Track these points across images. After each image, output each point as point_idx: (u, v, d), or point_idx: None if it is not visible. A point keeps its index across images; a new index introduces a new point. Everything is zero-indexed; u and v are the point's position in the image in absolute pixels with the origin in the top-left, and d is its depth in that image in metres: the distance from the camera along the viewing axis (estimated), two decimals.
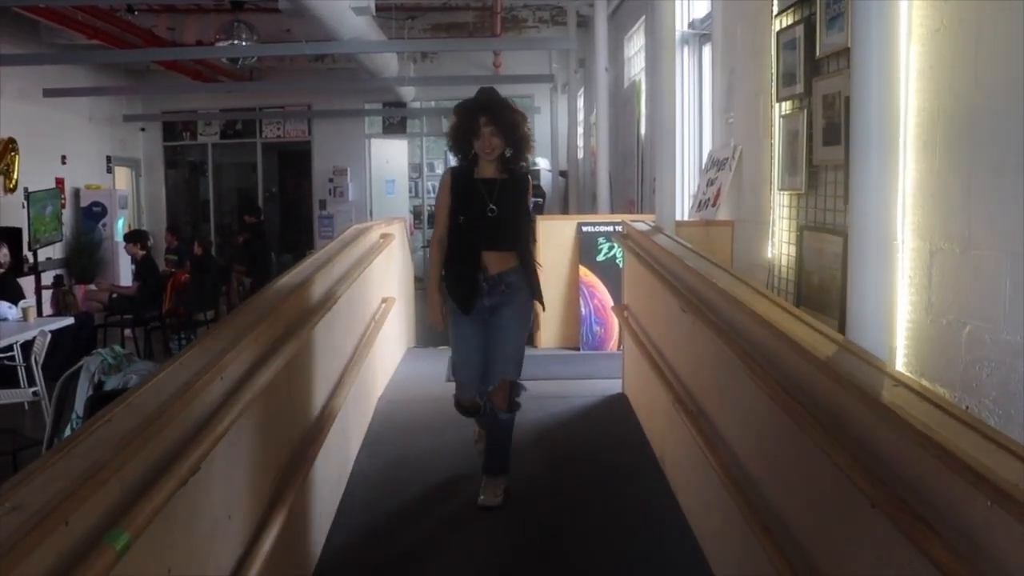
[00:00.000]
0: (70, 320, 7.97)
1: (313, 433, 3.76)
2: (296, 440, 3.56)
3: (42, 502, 1.69)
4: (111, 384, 3.68)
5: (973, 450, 1.77)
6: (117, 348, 4.01)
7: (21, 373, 7.17)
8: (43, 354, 6.55)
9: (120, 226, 13.91)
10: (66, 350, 8.38)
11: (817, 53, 4.26)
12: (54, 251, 12.72)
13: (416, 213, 16.91)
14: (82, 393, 3.67)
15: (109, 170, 15.16)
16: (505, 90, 15.60)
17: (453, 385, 4.68)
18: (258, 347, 3.06)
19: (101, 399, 3.58)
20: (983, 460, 1.72)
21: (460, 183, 4.28)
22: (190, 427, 2.33)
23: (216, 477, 2.50)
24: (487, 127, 4.14)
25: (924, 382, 2.73)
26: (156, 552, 2.06)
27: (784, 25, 4.72)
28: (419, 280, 10.43)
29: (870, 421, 2.15)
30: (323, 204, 16.65)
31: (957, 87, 3.16)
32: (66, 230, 13.02)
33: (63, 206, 12.98)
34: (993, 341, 2.93)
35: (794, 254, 4.65)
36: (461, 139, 4.25)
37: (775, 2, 4.85)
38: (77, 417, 3.65)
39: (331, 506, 4.26)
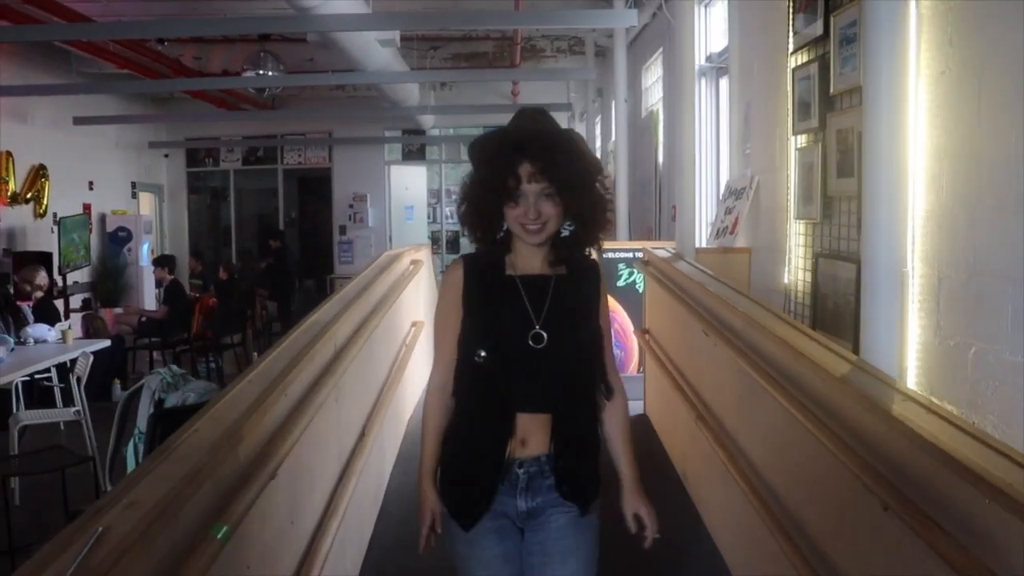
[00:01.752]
0: (107, 342, 8.22)
1: (357, 449, 4.00)
2: (345, 455, 3.80)
3: (155, 499, 1.94)
4: (170, 401, 3.92)
5: (974, 455, 2.00)
6: (175, 368, 4.25)
7: (57, 393, 7.43)
8: (86, 375, 6.80)
9: (145, 251, 14.21)
10: (99, 372, 8.65)
11: (831, 90, 4.50)
12: (80, 275, 13.03)
13: (435, 239, 17.18)
14: (144, 410, 3.91)
15: (134, 196, 15.50)
16: None
17: None
18: (314, 367, 3.31)
19: (162, 416, 3.83)
20: (983, 464, 1.95)
21: (480, 285, 2.40)
22: (264, 437, 2.58)
23: (283, 485, 2.74)
24: (532, 181, 2.25)
25: (933, 399, 2.95)
26: (237, 551, 2.30)
27: (800, 62, 4.96)
28: None
29: (882, 432, 2.37)
30: (343, 230, 16.94)
31: (962, 125, 3.39)
32: (92, 255, 13.34)
33: (90, 231, 13.31)
34: (997, 361, 3.15)
35: (810, 280, 4.87)
36: (484, 204, 2.33)
37: (791, 40, 5.09)
38: (139, 432, 3.88)
39: (370, 519, 4.49)
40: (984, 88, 3.25)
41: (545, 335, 2.32)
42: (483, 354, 2.34)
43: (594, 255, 2.49)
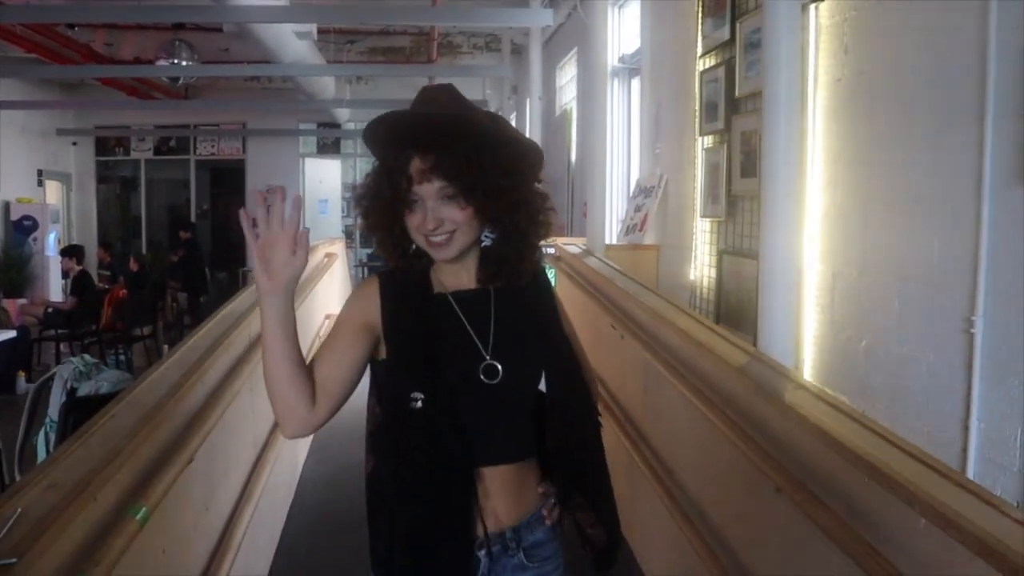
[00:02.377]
0: (12, 333, 8.06)
1: (271, 438, 4.04)
2: (259, 443, 3.84)
3: (74, 481, 1.98)
4: (83, 390, 3.90)
5: (857, 439, 2.15)
6: (87, 357, 4.22)
7: None
8: None
9: (51, 240, 13.89)
10: (2, 364, 8.50)
11: (736, 93, 4.68)
12: None
13: (349, 233, 17.13)
14: (56, 399, 3.88)
15: (40, 184, 15.11)
16: None
17: None
18: (229, 356, 3.35)
19: (74, 404, 3.81)
20: (864, 446, 2.09)
21: (405, 308, 1.85)
22: (182, 423, 2.62)
23: (199, 471, 2.78)
24: (425, 181, 1.76)
25: (828, 389, 3.12)
26: (154, 535, 2.34)
27: (708, 66, 5.14)
28: None
29: (775, 418, 2.52)
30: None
31: (856, 130, 3.58)
32: None
33: None
34: (885, 353, 3.34)
35: (714, 276, 5.05)
36: (378, 212, 1.85)
37: (700, 43, 5.26)
38: (51, 421, 3.86)
39: (284, 508, 4.53)
40: (876, 95, 3.44)
41: (499, 366, 1.80)
42: (420, 397, 1.75)
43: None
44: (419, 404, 1.74)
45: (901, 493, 1.84)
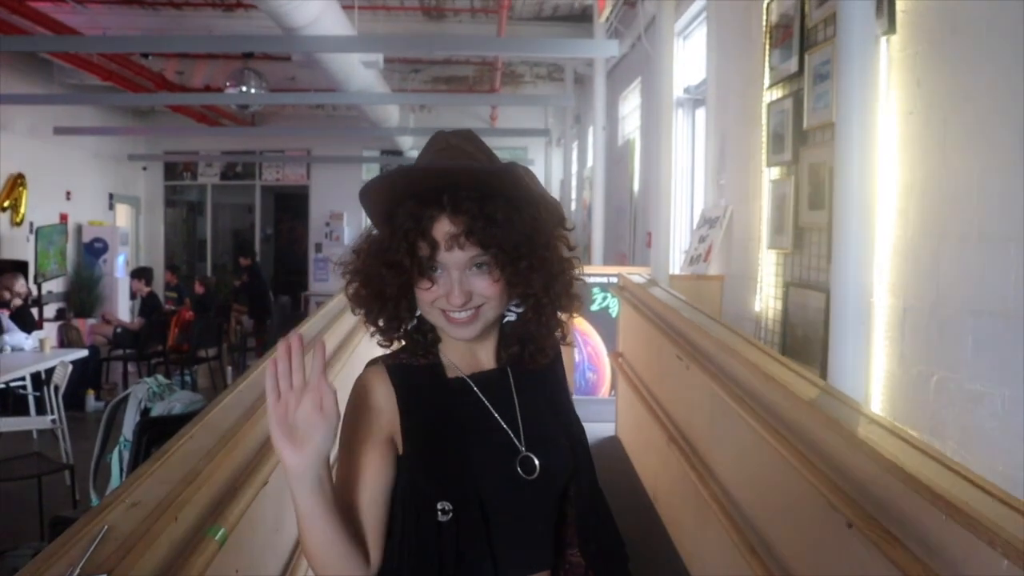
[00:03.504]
0: (85, 352, 8.25)
1: (333, 463, 4.08)
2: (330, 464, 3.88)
3: (156, 500, 2.03)
4: (156, 410, 3.99)
5: (933, 476, 2.13)
6: (160, 378, 4.31)
7: (31, 402, 7.47)
8: (64, 384, 6.84)
9: (120, 262, 14.21)
10: (73, 382, 8.68)
11: (805, 124, 4.66)
12: (55, 285, 13.03)
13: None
14: (130, 418, 3.97)
15: (111, 207, 15.50)
16: (501, 143, 15.82)
17: None
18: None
19: (148, 424, 3.90)
20: (941, 483, 2.07)
21: (421, 402, 1.58)
22: (256, 445, 2.67)
23: (271, 493, 2.83)
24: (456, 248, 1.49)
25: (896, 423, 3.08)
26: (228, 555, 2.38)
27: (775, 97, 5.13)
28: None
29: (847, 452, 2.50)
30: (319, 247, 17.01)
31: (927, 162, 3.55)
32: (68, 265, 13.34)
33: (66, 241, 13.32)
34: (957, 389, 3.29)
35: (780, 308, 5.02)
36: (382, 283, 1.54)
37: (767, 75, 5.25)
38: (125, 440, 3.94)
39: None
40: (949, 128, 3.41)
41: (535, 459, 1.56)
42: (449, 508, 1.49)
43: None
44: (449, 516, 1.49)
45: (982, 532, 1.81)
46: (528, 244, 1.52)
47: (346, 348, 4.22)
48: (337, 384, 1.42)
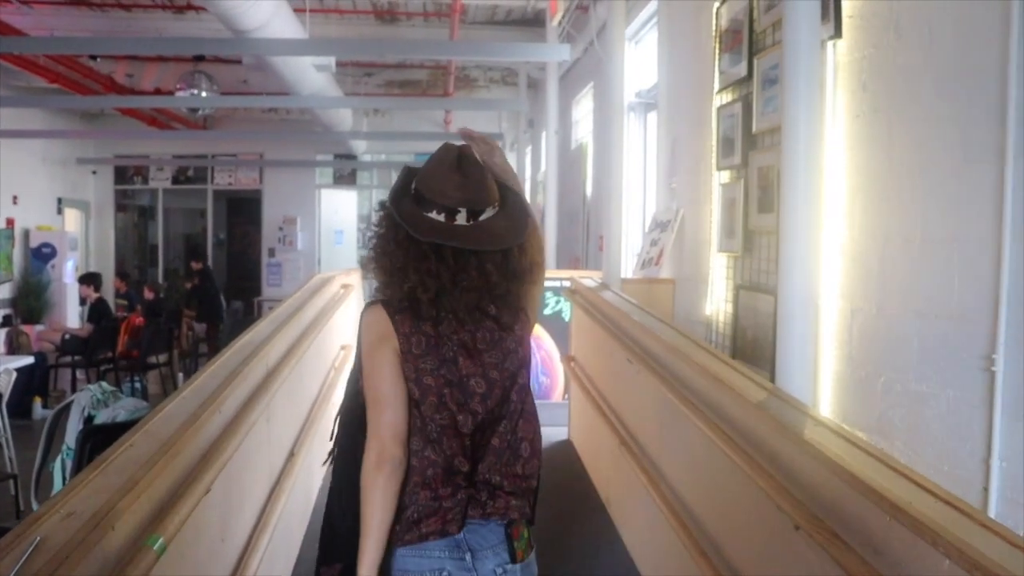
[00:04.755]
0: (31, 359, 8.10)
1: (287, 468, 4.03)
2: (275, 473, 3.84)
3: (92, 510, 1.98)
4: (100, 418, 3.91)
5: (879, 477, 2.14)
6: (105, 385, 4.23)
7: None
8: (8, 392, 6.69)
9: (70, 268, 13.99)
10: (19, 389, 8.51)
11: (754, 128, 4.69)
12: (1, 291, 12.78)
13: (364, 264, 17.12)
14: (73, 426, 3.89)
15: (59, 211, 15.24)
16: None
17: None
18: (246, 386, 3.35)
19: (91, 432, 3.82)
20: (886, 485, 2.08)
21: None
22: (198, 453, 2.63)
23: (216, 501, 2.78)
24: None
25: (843, 425, 3.10)
26: (171, 566, 2.33)
27: (725, 101, 5.16)
28: None
29: (794, 454, 2.51)
30: (272, 252, 16.85)
31: (873, 166, 3.58)
32: (15, 270, 13.10)
33: (13, 246, 13.08)
34: (904, 390, 3.32)
35: (731, 311, 5.04)
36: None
37: (717, 79, 5.28)
38: (68, 448, 3.86)
39: (298, 538, 4.51)
40: (894, 131, 3.44)
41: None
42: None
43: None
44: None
45: (925, 533, 1.82)
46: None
47: (293, 355, 4.18)
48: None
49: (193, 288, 12.77)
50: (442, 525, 2.09)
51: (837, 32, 3.78)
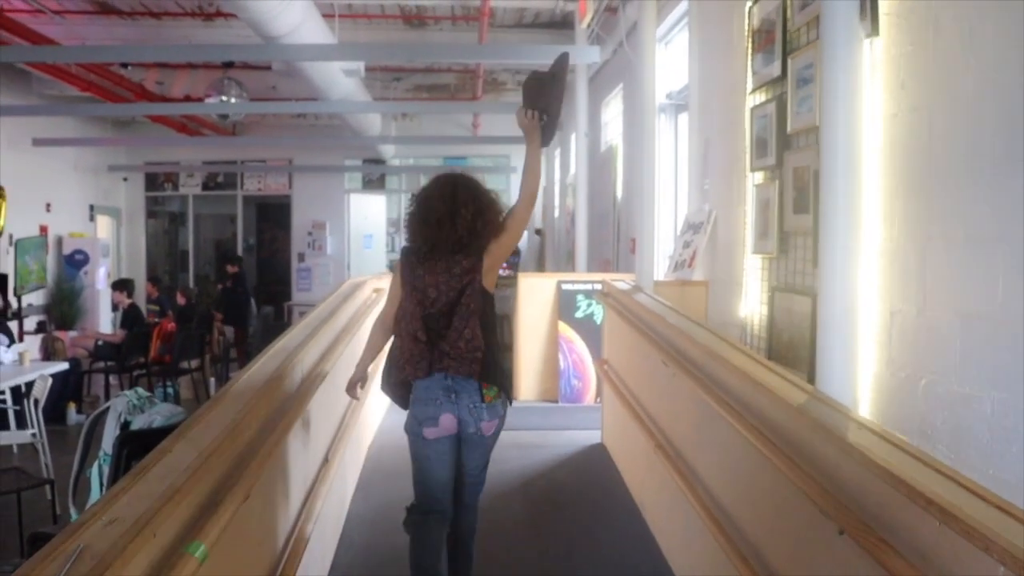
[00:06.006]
0: (65, 365, 8.16)
1: (321, 474, 4.03)
2: (310, 479, 3.83)
3: (134, 517, 1.98)
4: (136, 424, 3.93)
5: (924, 480, 2.10)
6: (140, 391, 4.24)
7: (11, 416, 7.36)
8: (44, 398, 6.75)
9: (102, 274, 14.11)
10: (54, 395, 8.59)
11: (788, 129, 4.64)
12: (35, 297, 12.91)
13: (393, 268, 17.11)
14: (110, 432, 3.91)
15: (91, 218, 15.38)
16: (483, 150, 15.90)
17: None
18: (282, 392, 3.35)
19: (127, 438, 3.83)
20: (933, 488, 2.04)
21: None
22: (236, 459, 2.62)
23: (254, 508, 2.78)
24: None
25: (885, 427, 3.06)
26: (210, 572, 2.33)
27: (758, 102, 5.11)
28: None
29: (837, 458, 2.47)
30: (301, 257, 16.93)
31: (913, 166, 3.53)
32: (48, 277, 13.22)
33: (46, 253, 13.21)
34: (946, 392, 3.27)
35: (766, 313, 5.00)
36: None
37: (750, 79, 5.24)
38: (105, 454, 3.88)
39: (332, 544, 4.51)
40: (933, 130, 3.39)
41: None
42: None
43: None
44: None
45: (976, 539, 1.78)
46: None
47: (327, 360, 4.18)
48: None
49: (223, 291, 12.84)
50: (414, 370, 3.60)
51: (875, 30, 3.73)
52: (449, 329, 3.55)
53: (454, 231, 3.57)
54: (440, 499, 3.61)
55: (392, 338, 3.75)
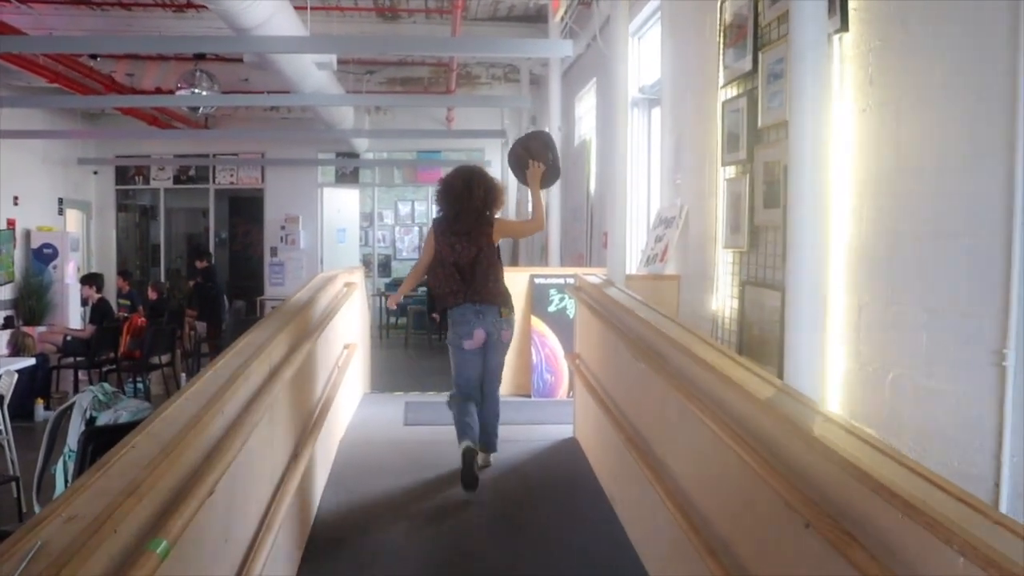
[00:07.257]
0: (32, 361, 8.07)
1: (290, 470, 4.00)
2: (277, 475, 3.81)
3: (94, 514, 1.95)
4: (102, 419, 3.89)
5: (890, 474, 2.11)
6: (107, 386, 4.20)
7: None
8: (9, 394, 6.67)
9: (71, 268, 13.97)
10: (22, 391, 8.49)
11: (759, 123, 4.66)
12: (2, 292, 12.77)
13: (367, 262, 17.12)
14: (75, 428, 3.86)
15: (61, 212, 15.22)
16: (457, 144, 15.81)
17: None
18: (249, 387, 3.32)
19: (93, 434, 3.79)
20: (898, 482, 2.05)
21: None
22: (201, 454, 2.59)
23: (219, 503, 2.75)
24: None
25: (853, 421, 3.07)
26: (173, 568, 2.30)
27: (729, 96, 5.12)
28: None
29: (804, 452, 2.48)
30: (274, 251, 16.83)
31: (882, 161, 3.55)
32: (16, 271, 13.08)
33: (14, 247, 13.06)
34: (913, 386, 3.29)
35: (736, 307, 5.01)
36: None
37: (721, 74, 5.25)
38: (70, 451, 3.84)
39: (302, 540, 4.49)
40: (902, 125, 3.41)
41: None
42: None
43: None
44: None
45: (939, 531, 1.79)
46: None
47: (296, 355, 4.15)
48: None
49: (195, 286, 12.75)
50: (453, 300, 5.36)
51: (844, 26, 3.75)
52: (474, 275, 5.32)
53: (471, 202, 5.31)
54: (472, 388, 5.47)
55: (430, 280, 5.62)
